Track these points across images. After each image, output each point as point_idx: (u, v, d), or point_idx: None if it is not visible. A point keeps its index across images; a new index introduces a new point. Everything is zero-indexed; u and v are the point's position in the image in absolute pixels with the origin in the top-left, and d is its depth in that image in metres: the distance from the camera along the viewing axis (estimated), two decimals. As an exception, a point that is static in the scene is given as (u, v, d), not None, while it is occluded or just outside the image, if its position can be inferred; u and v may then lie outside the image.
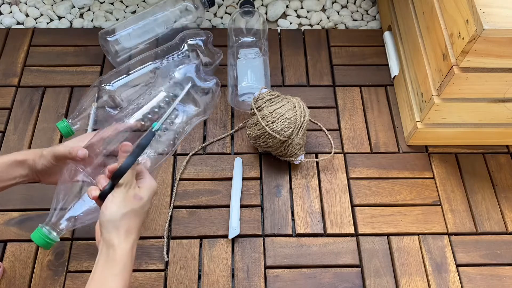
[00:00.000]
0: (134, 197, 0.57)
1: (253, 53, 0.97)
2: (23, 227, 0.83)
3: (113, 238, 0.55)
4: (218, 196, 0.88)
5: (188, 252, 0.82)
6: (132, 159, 0.57)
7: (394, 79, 1.02)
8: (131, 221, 0.57)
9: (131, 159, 0.57)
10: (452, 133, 0.91)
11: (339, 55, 1.07)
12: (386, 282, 0.80)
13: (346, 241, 0.84)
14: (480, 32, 0.69)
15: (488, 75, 0.77)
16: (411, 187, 0.90)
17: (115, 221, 0.56)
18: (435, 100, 0.83)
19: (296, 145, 0.86)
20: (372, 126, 0.97)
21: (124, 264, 0.55)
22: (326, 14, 1.16)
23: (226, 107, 0.98)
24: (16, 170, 0.67)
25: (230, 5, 1.15)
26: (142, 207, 0.58)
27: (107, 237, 0.56)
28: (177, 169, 0.90)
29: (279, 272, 0.81)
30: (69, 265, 0.80)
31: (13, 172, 0.66)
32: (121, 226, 0.56)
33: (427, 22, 0.87)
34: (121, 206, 0.56)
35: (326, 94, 1.01)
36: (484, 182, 0.91)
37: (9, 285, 0.77)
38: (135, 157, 0.57)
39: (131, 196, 0.57)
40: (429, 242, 0.84)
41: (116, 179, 0.57)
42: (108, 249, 0.55)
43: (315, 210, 0.87)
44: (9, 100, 0.97)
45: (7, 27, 1.09)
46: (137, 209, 0.57)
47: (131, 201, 0.57)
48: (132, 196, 0.57)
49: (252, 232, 0.84)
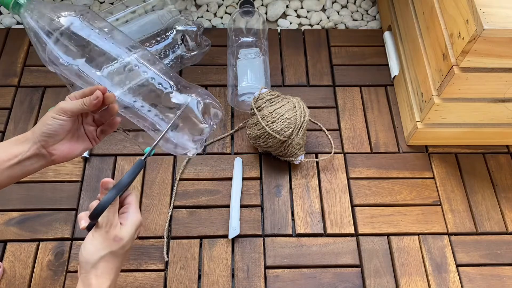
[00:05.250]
0: (114, 239, 0.55)
1: (253, 53, 0.97)
2: (23, 227, 0.83)
3: (91, 278, 0.54)
4: (218, 196, 0.88)
5: (188, 252, 0.82)
6: (112, 196, 0.54)
7: (394, 79, 1.02)
8: (109, 263, 0.55)
9: (110, 197, 0.54)
10: (452, 133, 0.91)
11: (339, 55, 1.07)
12: (386, 282, 0.80)
13: (346, 241, 0.84)
14: (480, 32, 0.69)
15: (488, 75, 0.77)
16: (411, 187, 0.90)
17: (92, 263, 0.54)
18: (435, 100, 0.83)
19: (296, 145, 0.86)
20: (372, 126, 0.97)
21: None
22: (326, 14, 1.16)
23: (226, 107, 0.98)
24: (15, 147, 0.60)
25: (230, 5, 1.15)
26: (122, 248, 0.56)
27: (84, 276, 0.54)
28: (177, 169, 0.90)
29: (279, 272, 0.81)
30: (69, 265, 0.80)
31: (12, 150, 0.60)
32: (99, 268, 0.54)
33: (427, 22, 0.87)
34: (99, 249, 0.54)
35: (326, 94, 1.01)
36: (484, 182, 0.91)
37: (9, 285, 0.77)
38: (114, 195, 0.54)
39: (111, 238, 0.55)
40: (429, 242, 0.84)
41: (94, 218, 0.54)
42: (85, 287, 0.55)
43: (315, 210, 0.87)
44: (9, 100, 0.97)
45: (7, 27, 1.09)
46: (116, 251, 0.55)
47: (110, 244, 0.55)
48: (112, 239, 0.55)
49: (252, 232, 0.84)
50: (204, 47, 1.00)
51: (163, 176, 0.89)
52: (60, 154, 0.62)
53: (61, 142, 0.62)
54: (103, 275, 0.55)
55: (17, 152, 0.60)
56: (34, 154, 0.60)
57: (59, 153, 0.62)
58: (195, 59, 1.00)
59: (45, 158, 0.61)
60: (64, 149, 0.62)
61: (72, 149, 0.63)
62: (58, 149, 0.62)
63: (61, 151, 0.62)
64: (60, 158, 0.62)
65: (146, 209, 0.86)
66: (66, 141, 0.62)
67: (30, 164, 0.61)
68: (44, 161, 0.62)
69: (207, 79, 1.02)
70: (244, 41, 0.98)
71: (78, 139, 0.64)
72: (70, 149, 0.63)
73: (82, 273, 0.55)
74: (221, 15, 1.14)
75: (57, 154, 0.62)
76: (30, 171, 0.61)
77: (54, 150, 0.61)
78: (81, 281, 0.55)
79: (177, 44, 0.97)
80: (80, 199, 0.86)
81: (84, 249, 0.55)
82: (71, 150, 0.63)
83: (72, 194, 0.87)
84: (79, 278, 0.56)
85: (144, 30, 0.97)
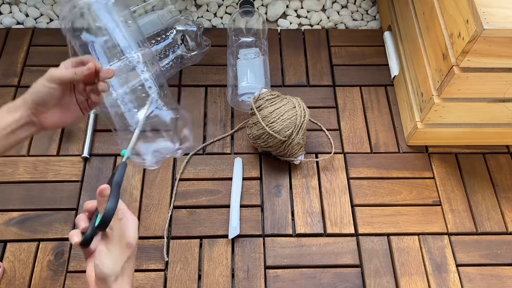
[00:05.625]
0: (127, 246, 0.54)
1: (253, 53, 0.97)
2: (23, 227, 0.83)
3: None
4: (218, 196, 0.88)
5: (188, 252, 0.82)
6: (115, 201, 0.53)
7: (394, 79, 1.02)
8: (128, 270, 0.55)
9: (114, 201, 0.52)
10: (452, 133, 0.91)
11: (339, 55, 1.07)
12: (386, 282, 0.80)
13: (346, 241, 0.84)
14: (480, 32, 0.69)
15: (488, 75, 0.77)
16: (411, 187, 0.90)
17: (116, 275, 0.53)
18: (435, 100, 0.83)
19: (296, 145, 0.86)
20: (372, 126, 0.97)
21: None
22: (326, 14, 1.16)
23: (226, 107, 0.98)
24: (8, 116, 0.60)
25: (230, 5, 1.15)
26: (133, 252, 0.56)
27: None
28: (177, 169, 0.90)
29: (279, 272, 0.81)
30: (69, 265, 0.80)
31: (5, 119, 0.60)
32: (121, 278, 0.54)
33: (427, 22, 0.87)
34: (119, 260, 0.54)
35: (326, 94, 1.01)
36: (484, 182, 0.91)
37: (9, 285, 0.77)
38: (117, 198, 0.53)
39: (124, 246, 0.54)
40: (429, 242, 0.84)
41: (103, 226, 0.52)
42: None
43: (315, 210, 0.87)
44: (9, 100, 0.97)
45: (7, 27, 1.09)
46: (130, 256, 0.55)
47: (126, 252, 0.54)
48: (125, 246, 0.54)
49: (252, 232, 0.84)
50: (204, 47, 1.00)
51: (163, 176, 0.89)
52: (51, 122, 0.62)
53: (52, 110, 0.62)
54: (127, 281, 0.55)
55: (10, 121, 0.60)
56: (26, 123, 0.60)
57: (50, 121, 0.62)
58: (195, 59, 1.00)
59: (36, 126, 0.62)
60: (55, 117, 0.62)
61: (62, 118, 0.63)
62: (49, 117, 0.62)
63: (52, 119, 0.62)
64: (51, 125, 0.63)
65: (146, 209, 0.86)
66: (57, 109, 0.62)
67: (23, 132, 0.61)
68: (34, 129, 0.62)
69: (207, 79, 1.02)
70: (244, 41, 0.98)
71: (69, 107, 0.64)
72: (60, 118, 0.63)
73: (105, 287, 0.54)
74: (221, 15, 1.14)
75: (47, 122, 0.62)
76: (22, 139, 0.62)
77: (45, 118, 0.61)
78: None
79: (177, 44, 0.97)
80: (80, 199, 0.86)
81: (103, 264, 0.53)
82: (62, 119, 0.63)
83: (72, 194, 0.87)
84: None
85: (144, 30, 0.97)
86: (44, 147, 0.92)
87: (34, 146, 0.92)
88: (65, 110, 0.63)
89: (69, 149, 0.92)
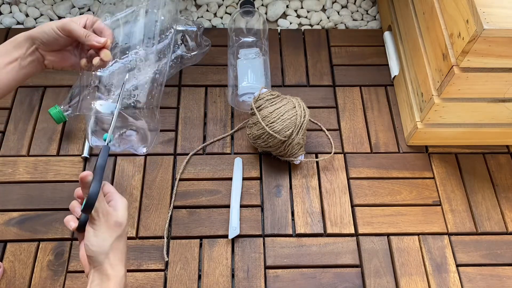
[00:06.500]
0: (115, 224, 0.56)
1: (253, 53, 0.97)
2: (23, 227, 0.83)
3: (107, 268, 0.55)
4: (218, 196, 0.88)
5: (188, 252, 0.82)
6: (98, 184, 0.54)
7: (394, 79, 1.02)
8: (118, 249, 0.56)
9: (97, 185, 0.54)
10: (452, 133, 0.91)
11: (339, 55, 1.07)
12: (386, 282, 0.80)
13: (346, 241, 0.84)
14: (480, 32, 0.69)
15: (488, 75, 0.77)
16: (411, 187, 0.90)
17: (105, 253, 0.55)
18: (435, 100, 0.83)
19: (296, 145, 0.86)
20: (372, 126, 0.97)
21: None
22: (326, 14, 1.16)
23: (226, 107, 0.98)
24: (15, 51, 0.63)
25: (230, 5, 1.15)
26: (123, 231, 0.57)
27: (99, 268, 0.55)
28: (177, 169, 0.90)
29: (279, 272, 0.81)
30: (69, 265, 0.80)
31: (12, 53, 0.63)
32: (112, 256, 0.55)
33: (427, 22, 0.87)
34: (106, 238, 0.55)
35: (326, 94, 1.01)
36: (484, 182, 0.91)
37: (9, 285, 0.77)
38: (100, 181, 0.55)
39: (112, 225, 0.56)
40: (429, 242, 0.84)
41: (88, 209, 0.54)
42: (102, 279, 0.55)
43: (315, 210, 0.87)
44: (9, 100, 0.97)
45: (7, 27, 1.09)
46: (120, 235, 0.57)
47: (113, 230, 0.56)
48: (113, 225, 0.56)
49: (252, 232, 0.84)
50: (204, 47, 1.00)
51: (163, 176, 0.89)
52: (49, 62, 0.66)
53: (53, 52, 0.65)
54: (117, 262, 0.56)
55: (17, 55, 0.63)
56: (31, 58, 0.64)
57: (50, 59, 0.66)
58: (195, 59, 1.00)
59: (39, 62, 0.66)
60: (56, 58, 0.66)
61: (61, 62, 0.67)
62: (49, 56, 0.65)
63: (51, 58, 0.66)
64: (51, 64, 0.66)
65: (146, 209, 0.86)
66: (59, 54, 0.66)
67: (29, 66, 0.64)
68: (38, 64, 0.66)
69: (207, 79, 1.02)
70: (245, 41, 0.98)
71: (70, 57, 0.67)
72: (59, 62, 0.66)
73: (95, 267, 0.55)
74: (221, 15, 1.14)
75: (48, 60, 0.66)
76: (29, 74, 0.65)
77: (46, 55, 0.65)
78: (96, 274, 0.55)
79: (177, 44, 0.97)
80: (80, 199, 0.86)
81: (90, 243, 0.55)
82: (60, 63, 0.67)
83: (72, 194, 0.86)
84: (91, 273, 0.56)
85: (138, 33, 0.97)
86: (44, 147, 0.92)
87: (34, 146, 0.92)
88: (65, 57, 0.67)
89: (69, 149, 0.92)
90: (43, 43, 0.63)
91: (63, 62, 0.67)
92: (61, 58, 0.66)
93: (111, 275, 0.55)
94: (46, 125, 0.94)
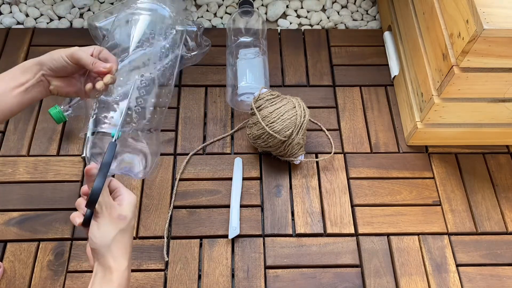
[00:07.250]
0: (119, 217, 0.57)
1: (252, 53, 0.97)
2: (23, 227, 0.83)
3: (109, 261, 0.55)
4: (218, 196, 0.88)
5: (188, 252, 0.82)
6: (101, 179, 0.55)
7: (394, 79, 1.02)
8: (122, 242, 0.57)
9: (100, 180, 0.54)
10: (452, 133, 0.91)
11: (339, 55, 1.07)
12: (386, 282, 0.80)
13: (346, 241, 0.84)
14: (480, 32, 0.69)
15: (488, 75, 0.77)
16: (411, 187, 0.90)
17: (107, 246, 0.55)
18: (435, 100, 0.83)
19: (296, 145, 0.86)
20: (372, 126, 0.97)
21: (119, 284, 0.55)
22: (326, 14, 1.16)
23: (226, 107, 0.99)
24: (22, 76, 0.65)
25: (230, 5, 1.15)
26: (128, 224, 0.58)
27: (102, 261, 0.56)
28: (177, 169, 0.90)
29: (279, 272, 0.81)
30: (69, 265, 0.80)
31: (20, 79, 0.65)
32: (114, 248, 0.56)
33: (427, 22, 0.87)
34: (109, 230, 0.56)
35: (326, 94, 1.01)
36: (484, 182, 0.91)
37: (9, 285, 0.77)
38: (103, 177, 0.55)
39: (115, 218, 0.56)
40: (429, 242, 0.84)
41: (91, 204, 0.55)
42: (105, 271, 0.56)
43: (315, 210, 0.87)
44: (9, 100, 0.97)
45: (7, 27, 1.09)
46: (124, 228, 0.57)
47: (117, 223, 0.56)
48: (116, 218, 0.57)
49: (252, 232, 0.84)
50: (204, 47, 1.00)
51: (163, 176, 0.89)
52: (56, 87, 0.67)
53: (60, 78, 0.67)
54: (120, 255, 0.56)
55: (24, 80, 0.65)
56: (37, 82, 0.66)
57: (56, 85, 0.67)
58: (195, 59, 1.00)
59: (45, 87, 0.67)
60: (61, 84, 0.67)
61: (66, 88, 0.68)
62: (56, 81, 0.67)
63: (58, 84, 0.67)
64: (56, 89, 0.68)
65: (146, 209, 0.86)
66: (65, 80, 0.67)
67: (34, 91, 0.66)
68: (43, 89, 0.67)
69: (207, 79, 1.02)
70: (243, 41, 0.98)
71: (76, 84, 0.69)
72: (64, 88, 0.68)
73: (98, 259, 0.56)
74: (221, 15, 1.14)
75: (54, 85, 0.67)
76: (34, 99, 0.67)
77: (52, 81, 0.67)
78: (99, 267, 0.56)
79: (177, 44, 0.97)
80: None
81: (94, 236, 0.55)
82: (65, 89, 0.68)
83: (72, 194, 0.87)
84: (95, 266, 0.56)
85: (144, 30, 0.97)
86: (44, 147, 0.92)
87: (34, 146, 0.92)
88: (71, 83, 0.68)
89: (69, 149, 0.92)
90: (51, 69, 0.65)
91: (68, 88, 0.68)
92: (66, 84, 0.68)
93: (114, 267, 0.55)
94: (46, 125, 0.94)
